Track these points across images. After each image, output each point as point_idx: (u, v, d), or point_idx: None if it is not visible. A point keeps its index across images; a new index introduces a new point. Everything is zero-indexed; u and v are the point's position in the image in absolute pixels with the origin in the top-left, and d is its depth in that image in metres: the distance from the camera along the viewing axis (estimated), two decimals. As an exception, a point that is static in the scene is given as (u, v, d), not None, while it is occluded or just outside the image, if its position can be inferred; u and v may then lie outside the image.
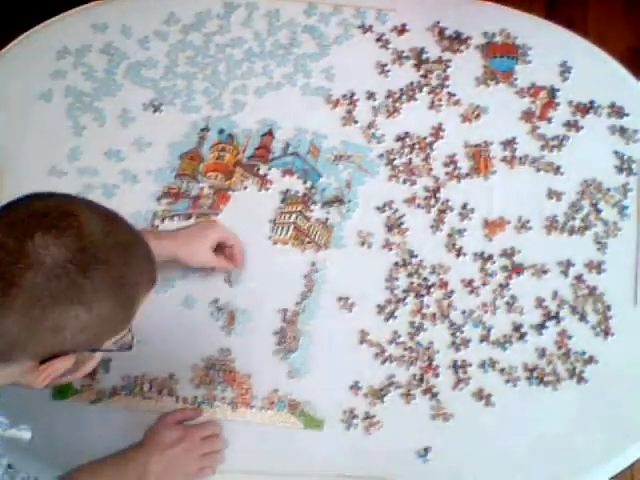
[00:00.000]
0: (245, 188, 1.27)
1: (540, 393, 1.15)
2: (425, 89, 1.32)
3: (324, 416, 1.13)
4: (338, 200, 1.25)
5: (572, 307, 1.18)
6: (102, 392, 1.16)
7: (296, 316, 1.18)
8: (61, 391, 1.16)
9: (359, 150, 1.28)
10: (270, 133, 1.30)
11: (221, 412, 1.14)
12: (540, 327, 1.17)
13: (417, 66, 1.33)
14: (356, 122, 1.30)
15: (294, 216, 1.24)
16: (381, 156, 1.28)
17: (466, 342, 1.17)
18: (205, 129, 1.30)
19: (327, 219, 1.24)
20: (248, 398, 1.15)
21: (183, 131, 1.30)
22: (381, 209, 1.25)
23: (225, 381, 1.16)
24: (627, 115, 1.29)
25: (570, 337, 1.17)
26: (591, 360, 1.16)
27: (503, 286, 1.20)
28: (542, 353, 1.15)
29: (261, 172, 1.27)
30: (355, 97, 1.31)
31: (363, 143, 1.29)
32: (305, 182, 1.27)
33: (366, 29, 1.36)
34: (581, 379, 1.15)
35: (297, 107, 1.31)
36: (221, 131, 1.30)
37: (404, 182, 1.26)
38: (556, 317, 1.18)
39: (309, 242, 1.23)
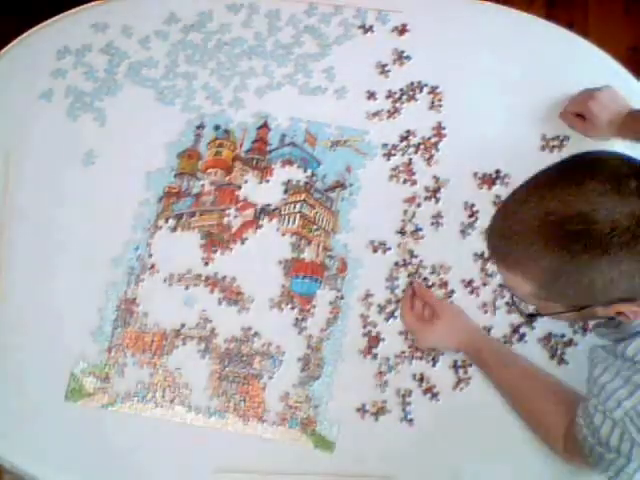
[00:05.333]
0: (246, 182, 1.27)
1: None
2: (425, 89, 1.32)
3: (336, 438, 1.14)
4: (340, 185, 1.26)
5: None
6: (115, 396, 1.17)
7: (320, 343, 1.18)
8: (74, 393, 1.17)
9: (355, 134, 1.29)
10: (265, 125, 1.30)
11: (232, 424, 1.15)
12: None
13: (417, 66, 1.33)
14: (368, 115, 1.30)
15: (299, 205, 1.25)
16: (384, 145, 1.28)
17: (466, 342, 1.17)
18: (200, 126, 1.31)
19: (331, 205, 1.25)
20: (260, 412, 1.15)
21: (179, 130, 1.30)
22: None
23: (238, 393, 1.16)
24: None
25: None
26: (570, 343, 1.16)
27: (503, 286, 1.20)
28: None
29: (260, 165, 1.28)
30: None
31: (358, 126, 1.29)
32: (305, 171, 1.27)
33: (367, 29, 1.36)
34: (561, 360, 1.16)
35: (295, 103, 1.32)
36: (217, 127, 1.30)
37: (404, 182, 1.26)
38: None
39: (317, 229, 1.23)
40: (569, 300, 0.85)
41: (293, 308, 1.20)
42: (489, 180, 1.26)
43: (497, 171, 1.26)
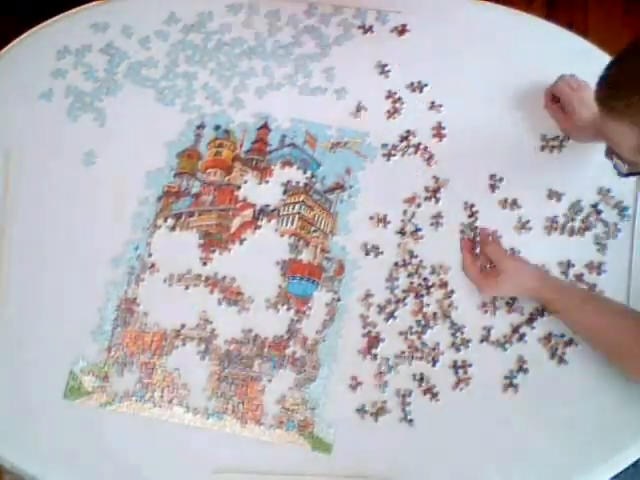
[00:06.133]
0: (245, 182, 1.27)
1: (540, 394, 1.15)
2: (425, 89, 1.32)
3: (333, 440, 1.14)
4: (339, 187, 1.26)
5: None
6: (114, 395, 1.17)
7: (316, 345, 1.18)
8: (73, 391, 1.17)
9: (355, 136, 1.29)
10: (266, 126, 1.30)
11: (230, 426, 1.15)
12: (531, 321, 1.18)
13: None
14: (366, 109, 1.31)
15: (297, 206, 1.25)
16: (384, 146, 1.28)
17: (466, 342, 1.17)
18: (201, 126, 1.31)
19: (330, 207, 1.25)
20: (258, 414, 1.15)
21: (179, 130, 1.30)
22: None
23: (237, 395, 1.16)
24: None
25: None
26: (571, 343, 1.17)
27: (503, 286, 1.20)
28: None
29: (260, 165, 1.28)
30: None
31: (358, 128, 1.29)
32: (305, 172, 1.27)
33: (366, 29, 1.36)
34: (561, 360, 1.16)
35: (295, 103, 1.32)
36: (217, 127, 1.31)
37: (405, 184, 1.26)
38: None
39: (315, 231, 1.23)
40: None
41: (289, 309, 1.20)
42: (489, 180, 1.26)
43: (497, 171, 1.26)
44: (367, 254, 1.22)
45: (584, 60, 1.32)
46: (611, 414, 1.13)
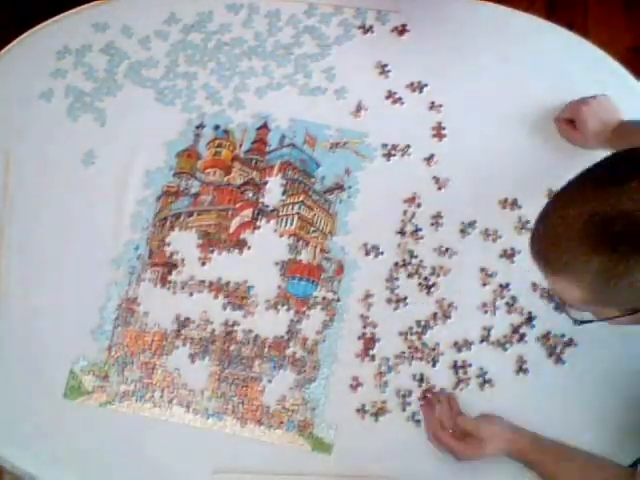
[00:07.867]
0: (244, 182, 1.27)
1: (539, 394, 1.15)
2: (425, 89, 1.32)
3: (333, 440, 1.14)
4: (338, 187, 1.25)
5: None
6: (114, 395, 1.17)
7: (316, 345, 1.18)
8: (73, 390, 1.17)
9: (355, 136, 1.29)
10: (265, 126, 1.30)
11: (230, 426, 1.15)
12: (531, 321, 1.18)
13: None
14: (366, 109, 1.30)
15: (297, 207, 1.25)
16: (384, 146, 1.28)
17: (467, 342, 1.17)
18: (200, 126, 1.31)
19: (329, 207, 1.25)
20: (258, 415, 1.15)
21: (179, 129, 1.30)
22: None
23: (237, 395, 1.16)
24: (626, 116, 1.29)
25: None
26: (571, 343, 1.17)
27: (503, 286, 1.20)
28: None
29: (259, 165, 1.28)
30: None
31: (358, 128, 1.29)
32: (304, 172, 1.27)
33: (367, 29, 1.36)
34: (559, 360, 1.16)
35: (295, 103, 1.32)
36: (216, 127, 1.30)
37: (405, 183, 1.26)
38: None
39: (314, 231, 1.23)
40: (623, 303, 0.81)
41: (289, 309, 1.20)
42: (489, 180, 1.26)
43: (497, 171, 1.26)
44: (367, 254, 1.22)
45: (584, 60, 1.33)
46: (610, 414, 1.13)
